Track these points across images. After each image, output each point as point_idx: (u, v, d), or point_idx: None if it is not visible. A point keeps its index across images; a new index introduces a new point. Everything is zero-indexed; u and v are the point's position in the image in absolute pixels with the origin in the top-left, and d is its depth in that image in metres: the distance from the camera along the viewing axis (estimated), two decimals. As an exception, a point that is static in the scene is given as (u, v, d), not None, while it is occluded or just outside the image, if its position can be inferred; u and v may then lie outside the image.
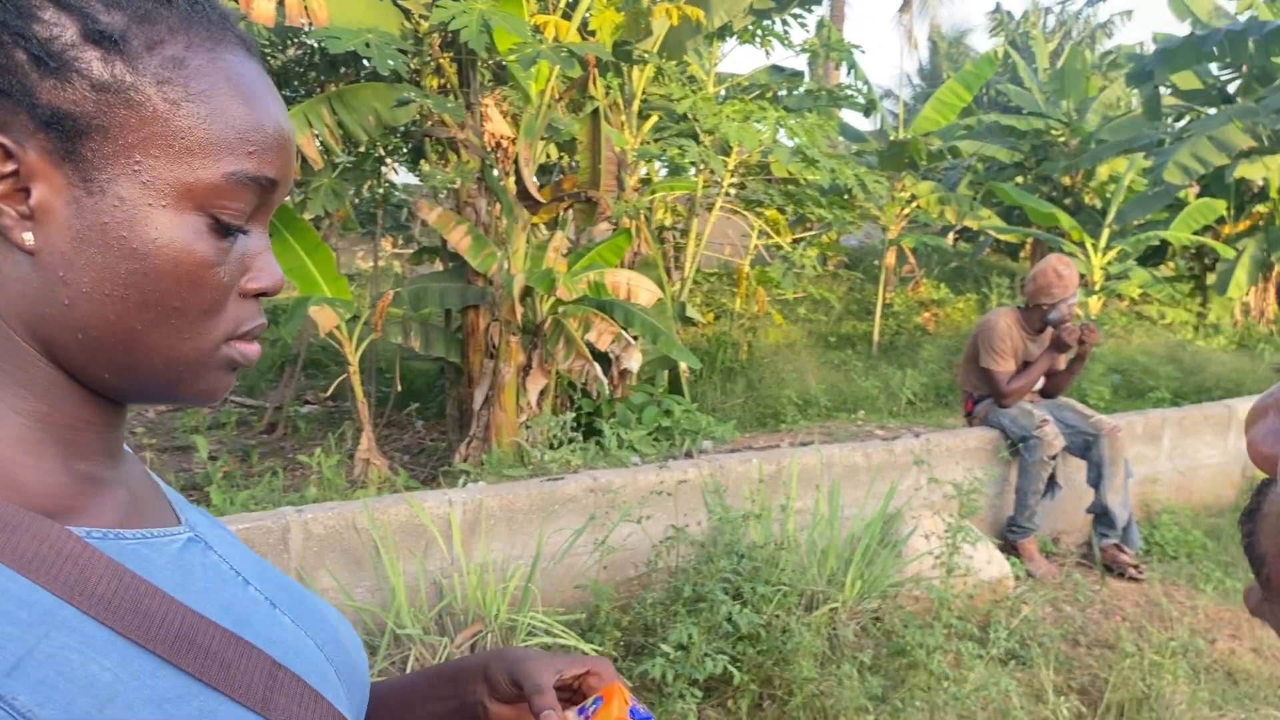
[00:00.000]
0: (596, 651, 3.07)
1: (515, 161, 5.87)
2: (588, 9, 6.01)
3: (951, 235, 14.19)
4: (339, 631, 0.72)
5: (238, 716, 0.57)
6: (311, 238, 5.94)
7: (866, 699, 3.12)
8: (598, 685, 0.79)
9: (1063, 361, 4.87)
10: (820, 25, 10.85)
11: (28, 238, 0.55)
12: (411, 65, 5.84)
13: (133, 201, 0.55)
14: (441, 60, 6.12)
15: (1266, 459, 0.41)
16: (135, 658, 0.54)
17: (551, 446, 5.17)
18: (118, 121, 0.55)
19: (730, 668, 3.00)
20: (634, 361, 5.85)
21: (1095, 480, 4.58)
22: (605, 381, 5.93)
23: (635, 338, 5.99)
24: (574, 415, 5.71)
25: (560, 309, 5.93)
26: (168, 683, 0.55)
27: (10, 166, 0.55)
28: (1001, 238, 11.89)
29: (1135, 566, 4.53)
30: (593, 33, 6.31)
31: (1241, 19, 9.96)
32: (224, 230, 0.58)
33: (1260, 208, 11.43)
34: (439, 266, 7.33)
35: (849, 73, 10.28)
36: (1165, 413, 5.33)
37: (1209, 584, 4.50)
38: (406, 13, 5.80)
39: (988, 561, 4.03)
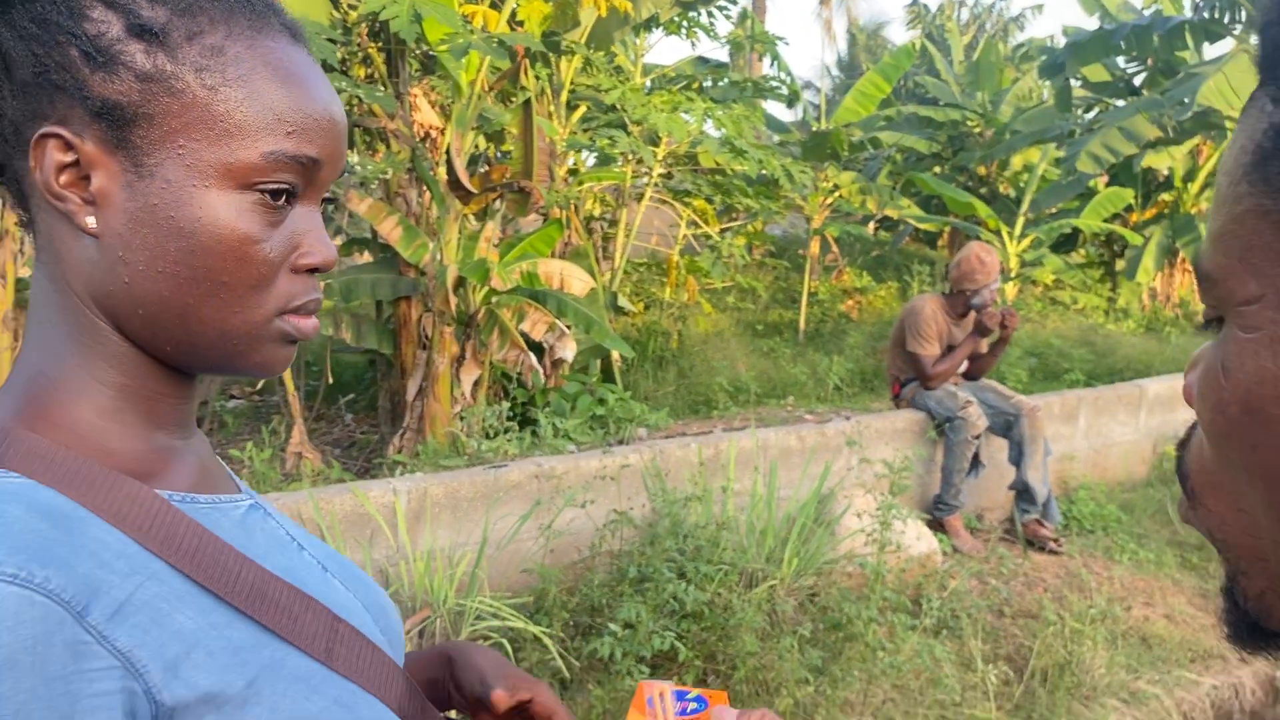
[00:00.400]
0: (544, 632, 3.14)
1: (446, 152, 5.86)
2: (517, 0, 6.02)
3: (872, 224, 14.50)
4: (381, 597, 0.78)
5: (304, 665, 0.62)
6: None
7: (806, 670, 3.23)
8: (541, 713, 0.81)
9: (985, 345, 5.06)
10: (743, 17, 11.00)
11: (91, 221, 0.60)
12: (340, 55, 5.79)
13: (179, 183, 0.59)
14: (370, 50, 6.08)
15: (1187, 393, 0.49)
16: (214, 609, 0.59)
17: (487, 436, 5.20)
18: (161, 109, 0.59)
19: (676, 644, 3.08)
20: (569, 351, 5.90)
21: (1016, 458, 4.78)
22: (539, 371, 5.97)
23: (569, 327, 6.04)
24: (509, 405, 5.74)
25: (494, 299, 5.95)
26: (242, 633, 0.60)
27: (71, 156, 0.59)
28: (921, 226, 12.20)
29: (1055, 540, 4.74)
30: (521, 23, 6.32)
31: (1147, 14, 10.36)
32: (270, 207, 0.62)
33: (1166, 196, 11.92)
34: (368, 258, 7.27)
35: (772, 64, 10.46)
36: (1081, 393, 5.57)
37: (1124, 555, 4.73)
38: (335, 2, 5.75)
39: (917, 538, 4.19)
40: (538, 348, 6.14)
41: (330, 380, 6.93)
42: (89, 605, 0.53)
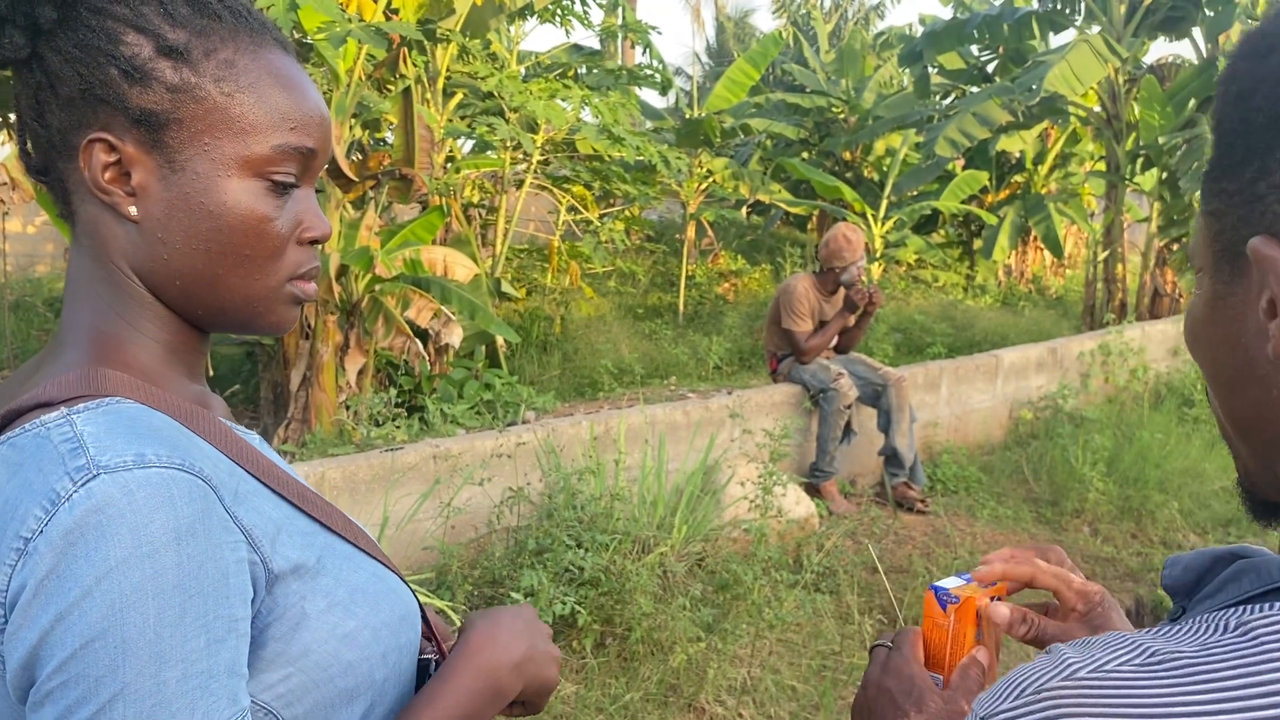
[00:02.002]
0: (448, 605, 3.25)
1: (326, 140, 5.84)
2: (393, -13, 6.02)
3: (745, 209, 14.89)
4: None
5: (346, 548, 0.78)
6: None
7: (698, 629, 3.43)
8: None
9: (853, 320, 5.36)
10: (615, 4, 11.15)
11: (133, 210, 0.73)
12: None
13: (206, 174, 0.73)
14: (243, 37, 5.99)
15: None
16: (280, 504, 0.74)
17: (375, 424, 5.22)
18: (189, 114, 0.72)
19: (576, 608, 3.24)
20: (455, 337, 5.96)
21: (885, 426, 5.10)
22: (425, 358, 6.01)
23: (454, 314, 6.10)
24: (395, 393, 5.77)
25: (377, 287, 5.96)
26: (303, 523, 0.75)
27: (114, 157, 0.72)
28: (791, 210, 12.60)
29: (922, 501, 5.07)
30: (397, 11, 6.33)
31: (998, 4, 10.94)
32: (278, 191, 0.76)
33: (1018, 178, 12.62)
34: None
35: (644, 53, 10.64)
36: (942, 364, 5.95)
37: (984, 512, 5.10)
38: (206, -12, 5.65)
39: (796, 502, 4.44)
40: (423, 335, 6.18)
41: (210, 373, 6.82)
42: (221, 491, 0.68)
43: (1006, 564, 0.89)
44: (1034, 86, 7.44)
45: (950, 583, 0.89)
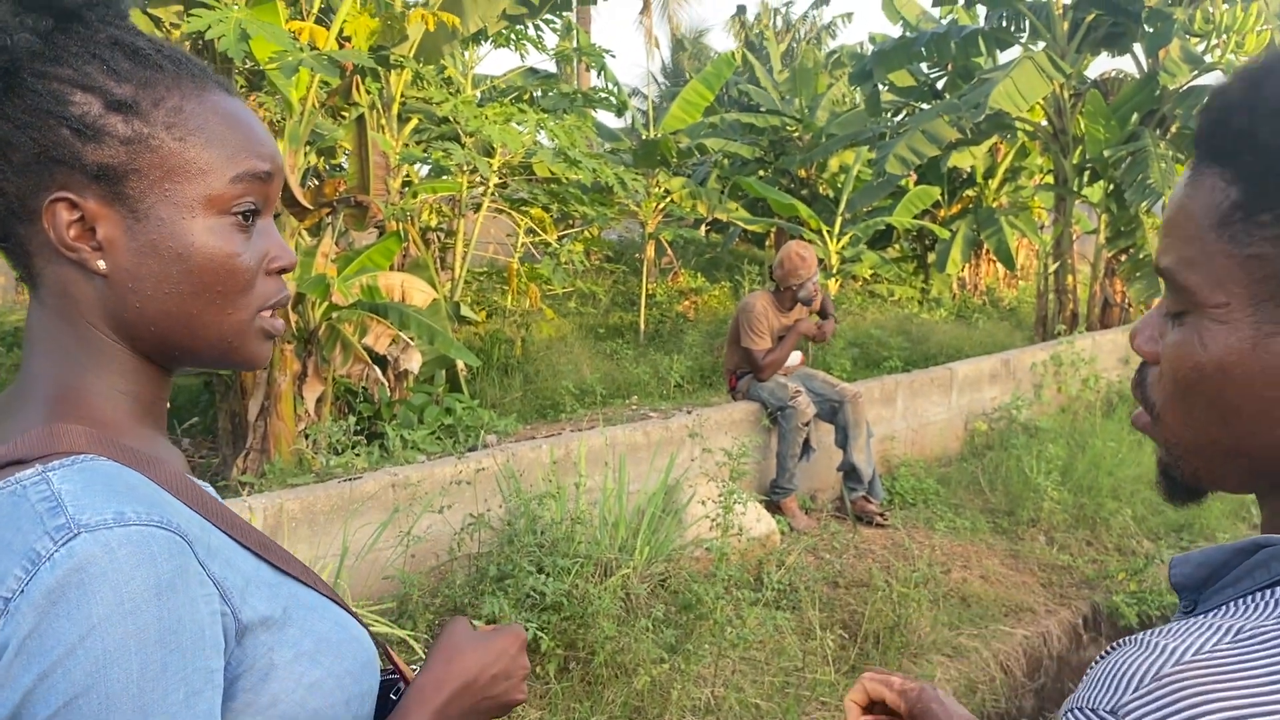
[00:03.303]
0: (410, 635, 3.24)
1: (280, 169, 5.82)
2: (344, 15, 6.03)
3: (704, 227, 14.99)
4: None
5: (309, 595, 0.80)
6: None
7: (661, 650, 3.45)
8: None
9: (817, 327, 5.44)
10: (567, 29, 11.22)
11: (101, 264, 0.74)
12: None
13: (171, 219, 0.75)
14: (194, 67, 5.96)
15: (1142, 351, 0.72)
16: (247, 556, 0.76)
17: (335, 452, 5.20)
18: (146, 163, 0.74)
19: (539, 633, 3.24)
20: (414, 362, 5.95)
21: (842, 442, 5.16)
22: (385, 384, 5.99)
23: (412, 339, 6.09)
24: (355, 420, 5.74)
25: (334, 314, 5.94)
26: (267, 574, 0.77)
27: (77, 214, 0.73)
28: (748, 228, 12.70)
29: (881, 514, 5.13)
30: (349, 38, 6.33)
31: (945, 23, 11.14)
32: (243, 225, 0.78)
33: (969, 192, 12.83)
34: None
35: (599, 75, 10.71)
36: (898, 378, 6.02)
37: (942, 524, 5.17)
38: (157, 20, 5.63)
39: (757, 520, 4.48)
40: (382, 361, 6.16)
41: (167, 405, 6.74)
42: (196, 547, 0.69)
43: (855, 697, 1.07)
44: (980, 103, 7.59)
45: None
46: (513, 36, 8.23)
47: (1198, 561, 0.67)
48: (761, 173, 13.58)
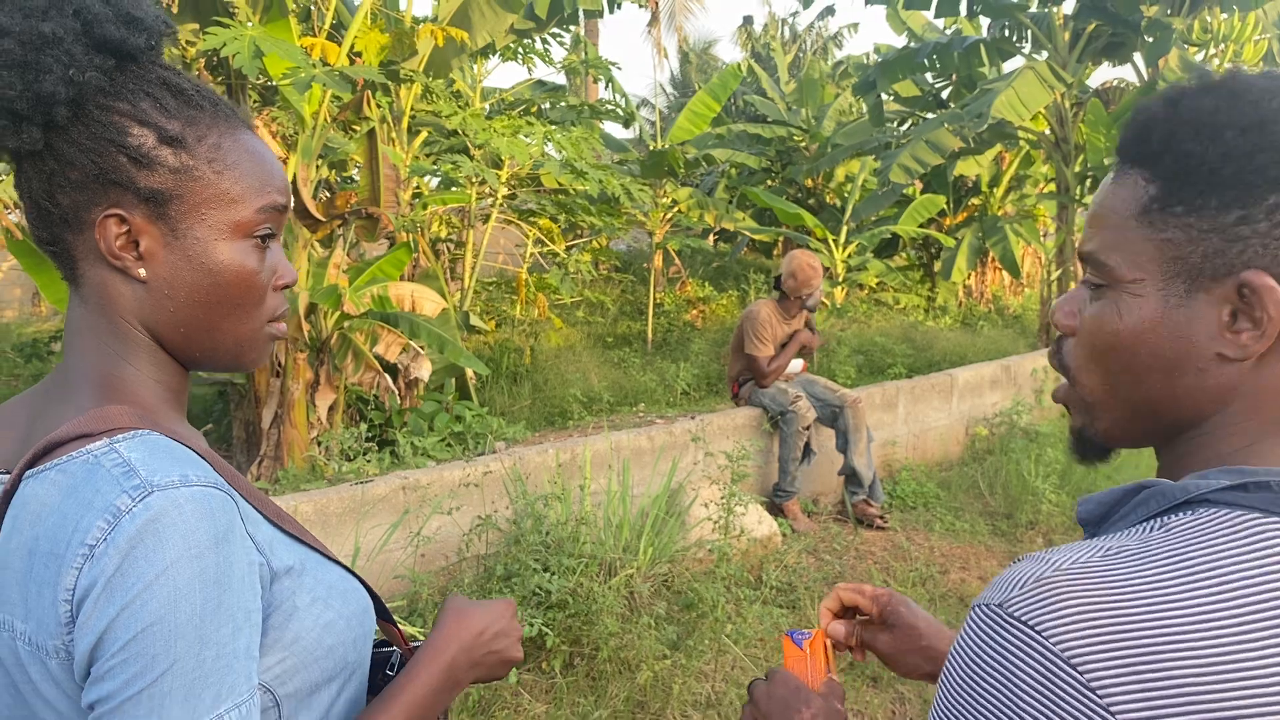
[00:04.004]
0: (420, 632, 3.35)
1: (293, 182, 5.96)
2: (355, 31, 6.18)
3: (711, 237, 15.10)
4: None
5: (317, 556, 0.92)
6: (80, 266, 5.80)
7: (663, 646, 3.55)
8: None
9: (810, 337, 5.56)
10: (575, 42, 11.37)
11: (142, 272, 0.87)
12: (178, 89, 5.82)
13: (204, 239, 0.88)
14: (210, 83, 6.11)
15: (1061, 325, 0.84)
16: (268, 524, 0.88)
17: (347, 459, 5.32)
18: (187, 190, 0.87)
19: (544, 629, 3.35)
20: (424, 371, 6.07)
21: (843, 446, 5.26)
22: (395, 392, 6.11)
23: (423, 348, 6.21)
24: (366, 427, 5.86)
25: (346, 324, 6.07)
26: (283, 536, 0.89)
27: (125, 228, 0.85)
28: (756, 237, 12.81)
29: (881, 517, 5.23)
30: (359, 54, 6.48)
31: (949, 33, 11.25)
32: (262, 247, 0.91)
33: (974, 200, 12.92)
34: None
35: (606, 87, 10.85)
36: (900, 384, 6.12)
37: (942, 527, 5.25)
38: (173, 40, 5.78)
39: (758, 522, 4.58)
40: (392, 369, 6.29)
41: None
42: (241, 507, 0.82)
43: (829, 605, 1.20)
44: (983, 113, 7.69)
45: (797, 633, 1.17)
46: (520, 50, 8.37)
47: (1097, 501, 0.78)
48: (769, 182, 13.70)
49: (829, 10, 22.32)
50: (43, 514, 0.78)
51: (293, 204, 5.99)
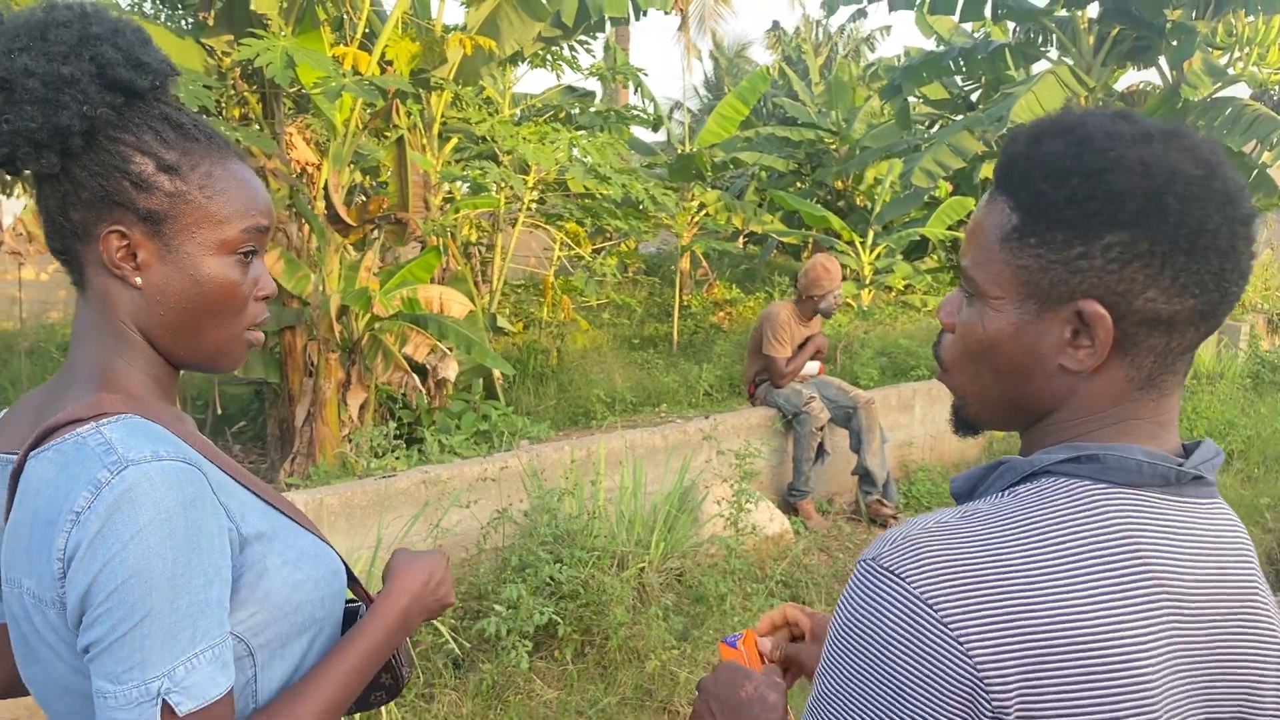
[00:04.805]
0: (436, 620, 3.50)
1: (324, 187, 6.16)
2: (386, 41, 6.36)
3: (741, 239, 15.19)
4: None
5: (290, 523, 1.06)
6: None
7: (671, 636, 3.68)
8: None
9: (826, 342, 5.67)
10: (606, 48, 11.52)
11: (138, 280, 1.01)
12: (215, 98, 6.04)
13: (194, 254, 1.02)
14: (245, 92, 6.34)
15: (943, 321, 0.96)
16: (242, 490, 1.02)
17: (376, 455, 5.49)
18: (181, 212, 1.01)
19: (555, 618, 3.50)
20: (451, 371, 6.24)
21: (856, 446, 5.36)
22: (423, 391, 6.29)
23: (450, 349, 6.38)
24: (395, 425, 6.04)
25: (376, 325, 6.25)
26: (259, 504, 1.03)
27: (125, 243, 1.00)
28: (783, 240, 12.89)
29: (894, 517, 5.32)
30: (390, 62, 6.66)
31: (977, 36, 11.29)
32: (244, 262, 1.05)
33: (1003, 203, 12.88)
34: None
35: (635, 91, 10.99)
36: (915, 385, 6.20)
37: (955, 525, 5.33)
38: (210, 50, 6.00)
39: (770, 519, 4.70)
40: (421, 369, 6.47)
41: (219, 411, 7.12)
42: (210, 478, 0.95)
43: (772, 616, 1.30)
44: (1003, 116, 7.74)
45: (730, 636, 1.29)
46: (548, 57, 8.54)
47: (966, 477, 0.92)
48: (799, 184, 13.76)
49: (861, 13, 22.32)
50: (41, 487, 0.92)
51: (325, 209, 6.19)
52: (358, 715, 3.08)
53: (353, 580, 1.18)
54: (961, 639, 0.74)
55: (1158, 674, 0.77)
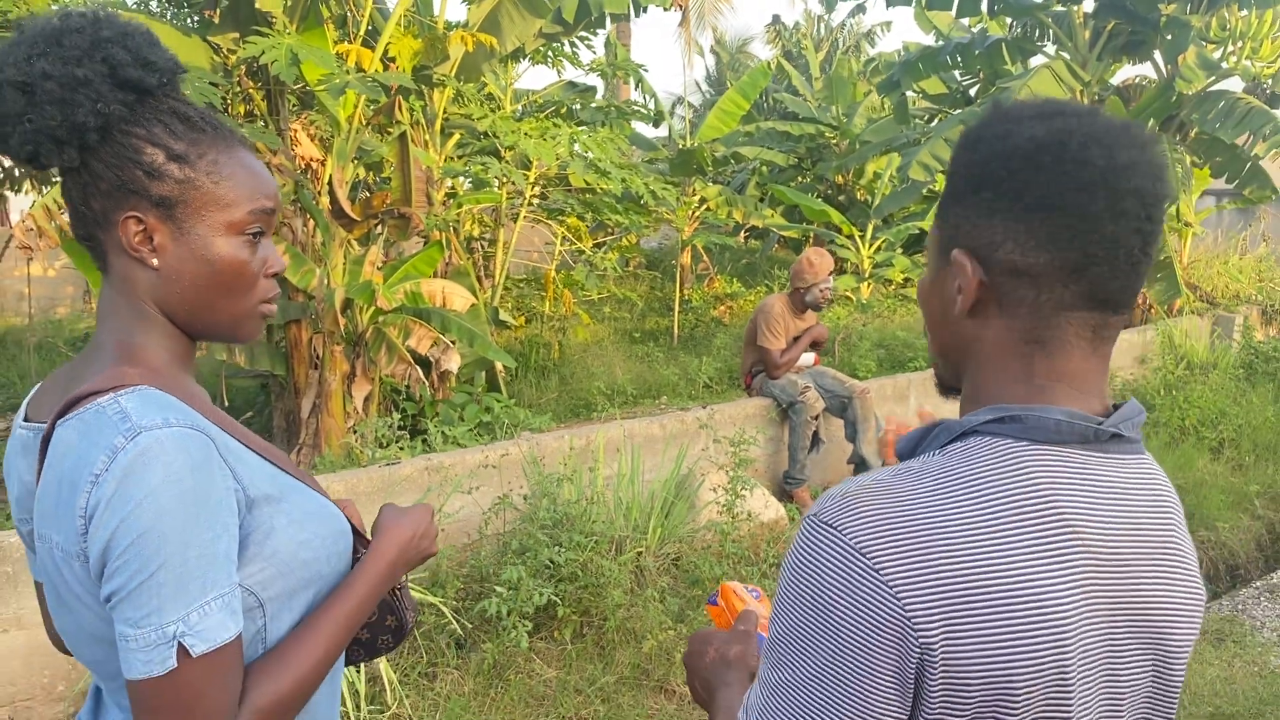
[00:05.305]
0: (440, 601, 3.61)
1: (329, 182, 6.26)
2: (388, 38, 6.46)
3: (742, 234, 15.27)
4: None
5: (299, 485, 1.16)
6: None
7: (668, 617, 3.79)
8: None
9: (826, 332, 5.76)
10: (607, 44, 11.61)
11: (155, 262, 1.11)
12: (220, 95, 6.14)
13: (205, 236, 1.12)
14: (250, 89, 6.44)
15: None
16: (252, 454, 1.12)
17: (381, 446, 5.59)
18: (191, 197, 1.11)
19: (554, 599, 3.60)
20: (453, 363, 6.34)
21: (851, 435, 5.46)
22: (426, 383, 6.39)
23: (453, 342, 6.49)
24: (399, 417, 6.14)
25: (380, 318, 6.36)
26: (268, 468, 1.13)
27: (141, 227, 1.10)
28: (784, 234, 12.98)
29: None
30: (393, 59, 6.76)
31: (975, 31, 11.34)
32: (252, 242, 1.15)
33: (999, 197, 12.94)
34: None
35: (637, 87, 11.08)
36: (910, 376, 6.30)
37: (948, 513, 5.43)
38: (215, 47, 6.10)
39: (765, 506, 4.80)
40: (424, 362, 6.57)
41: (226, 403, 7.23)
42: (218, 443, 1.05)
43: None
44: (1000, 111, 7.80)
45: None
46: (549, 54, 8.63)
47: (908, 438, 1.01)
48: (799, 179, 13.84)
49: (860, 9, 22.41)
50: (66, 453, 1.02)
51: (329, 204, 6.30)
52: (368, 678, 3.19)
53: (361, 539, 1.28)
54: (891, 583, 0.83)
55: (1072, 615, 0.86)
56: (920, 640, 0.82)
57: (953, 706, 0.84)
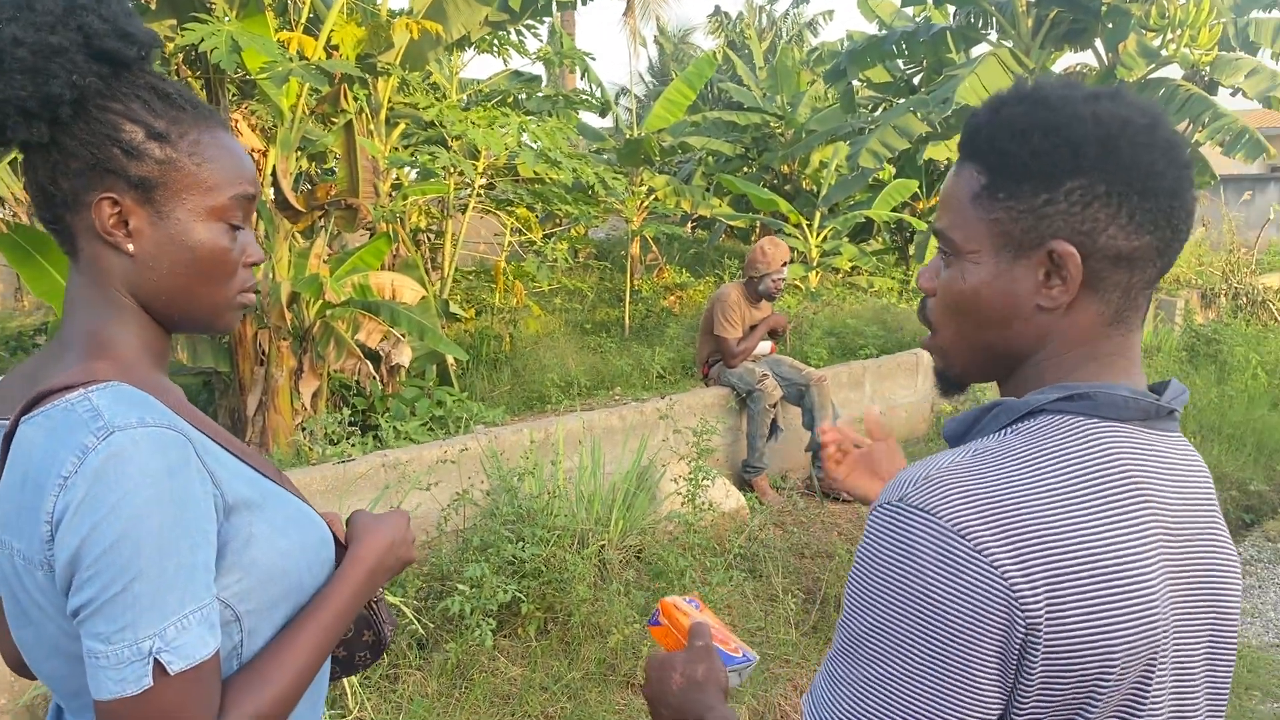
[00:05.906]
0: (400, 601, 3.53)
1: (273, 173, 6.10)
2: (332, 25, 6.30)
3: (690, 224, 15.26)
4: None
5: (278, 490, 1.08)
6: (66, 261, 5.93)
7: (633, 611, 3.74)
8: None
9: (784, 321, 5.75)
10: (551, 33, 11.50)
11: (131, 247, 1.03)
12: (158, 84, 5.93)
13: (184, 220, 1.04)
14: (189, 78, 6.24)
15: (923, 287, 1.03)
16: (230, 457, 1.04)
17: (331, 443, 5.47)
18: (171, 179, 1.03)
19: (518, 596, 3.54)
20: (405, 357, 6.23)
21: (809, 423, 5.45)
22: (377, 378, 6.27)
23: (403, 335, 6.37)
24: (349, 412, 6.02)
25: (328, 312, 6.22)
26: (247, 471, 1.05)
27: (117, 209, 1.02)
28: (732, 224, 12.99)
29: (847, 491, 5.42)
30: (336, 47, 6.61)
31: (918, 20, 11.43)
32: (233, 229, 1.07)
33: (946, 185, 13.10)
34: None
35: (583, 77, 10.99)
36: (865, 363, 6.32)
37: (905, 499, 5.46)
38: (152, 34, 5.89)
39: (726, 496, 4.77)
40: (374, 356, 6.44)
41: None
42: (195, 445, 0.97)
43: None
44: (948, 98, 7.88)
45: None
46: (495, 42, 8.51)
47: (959, 420, 0.99)
48: (746, 169, 13.85)
49: (803, -2, 22.52)
50: (32, 452, 0.93)
51: (274, 196, 6.14)
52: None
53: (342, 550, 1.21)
54: (996, 563, 0.81)
55: (1158, 589, 0.86)
56: (1027, 619, 0.81)
57: (1051, 688, 0.83)
